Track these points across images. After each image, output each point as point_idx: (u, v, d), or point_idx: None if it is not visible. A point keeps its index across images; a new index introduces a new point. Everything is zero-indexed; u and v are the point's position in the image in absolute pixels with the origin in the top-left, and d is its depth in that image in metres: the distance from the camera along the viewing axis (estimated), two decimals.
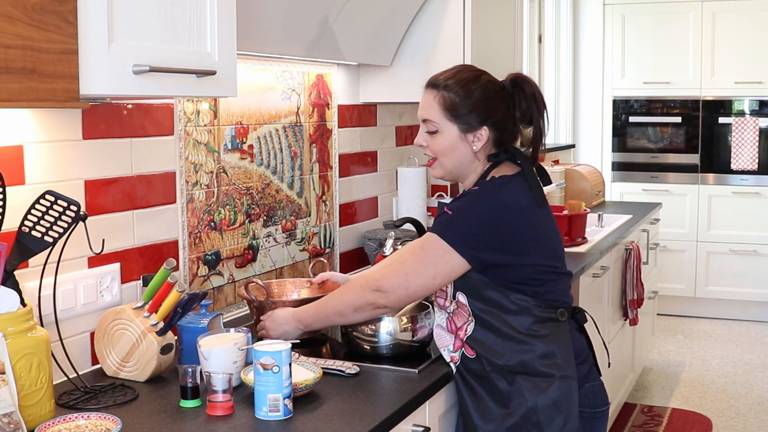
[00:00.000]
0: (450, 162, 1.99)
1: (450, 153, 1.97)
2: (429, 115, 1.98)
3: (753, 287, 6.05)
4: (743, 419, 4.34)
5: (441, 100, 1.96)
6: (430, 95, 1.98)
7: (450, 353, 1.99)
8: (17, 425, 1.50)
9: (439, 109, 1.96)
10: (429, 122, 1.98)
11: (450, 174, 2.02)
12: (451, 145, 1.97)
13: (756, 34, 5.93)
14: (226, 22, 1.79)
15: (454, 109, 1.94)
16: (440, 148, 1.98)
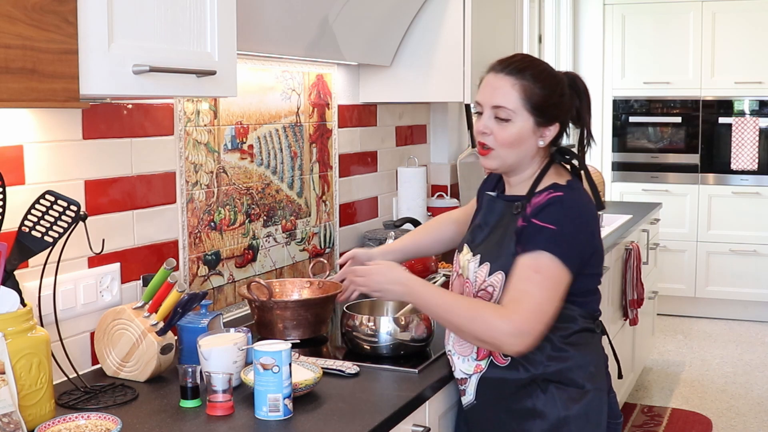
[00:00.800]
0: (513, 155, 1.84)
1: (517, 145, 1.83)
2: (504, 101, 1.81)
3: (753, 287, 6.04)
4: (743, 419, 4.34)
5: (522, 89, 1.81)
6: (507, 81, 1.82)
7: (474, 361, 1.88)
8: (17, 425, 1.50)
9: (519, 98, 1.81)
10: (502, 109, 1.81)
11: (506, 167, 1.88)
12: (521, 138, 1.82)
13: (756, 34, 5.93)
14: (226, 22, 1.79)
15: (537, 103, 1.81)
16: (509, 138, 1.82)
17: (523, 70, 1.83)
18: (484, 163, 1.89)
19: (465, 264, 1.92)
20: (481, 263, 1.86)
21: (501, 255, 1.82)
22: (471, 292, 1.88)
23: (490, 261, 1.85)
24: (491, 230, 1.91)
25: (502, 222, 1.89)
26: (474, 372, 1.88)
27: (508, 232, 1.84)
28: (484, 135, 1.85)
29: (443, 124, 3.79)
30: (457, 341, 1.91)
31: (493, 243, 1.87)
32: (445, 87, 3.05)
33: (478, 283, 1.86)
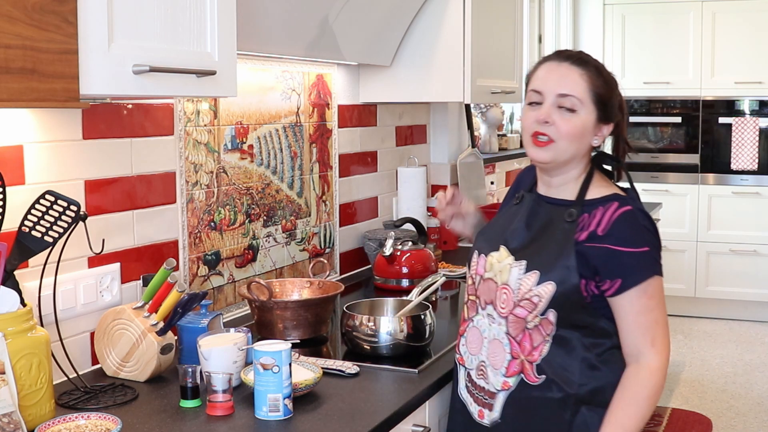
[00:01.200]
0: (572, 149, 1.74)
1: (578, 139, 1.74)
2: (573, 90, 1.72)
3: (753, 287, 6.04)
4: (743, 419, 4.34)
5: (590, 81, 1.73)
6: (574, 71, 1.74)
7: (502, 377, 1.76)
8: (17, 425, 1.50)
9: (587, 89, 1.73)
10: (569, 98, 1.72)
11: (558, 162, 1.76)
12: (583, 131, 1.74)
13: (756, 34, 5.93)
14: (226, 22, 1.79)
15: (603, 96, 1.75)
16: (573, 130, 1.73)
17: (587, 63, 1.76)
18: (538, 155, 1.76)
19: (504, 268, 1.77)
20: (528, 270, 1.72)
21: (555, 266, 1.70)
22: (511, 300, 1.74)
23: (539, 270, 1.71)
24: (536, 235, 1.77)
25: (550, 228, 1.76)
26: (502, 389, 1.76)
27: (561, 242, 1.72)
28: (545, 125, 1.73)
29: (443, 124, 3.79)
30: (491, 351, 1.78)
31: (542, 251, 1.73)
32: (445, 87, 3.05)
33: (522, 291, 1.72)
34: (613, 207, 1.72)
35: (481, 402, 1.80)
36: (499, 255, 1.79)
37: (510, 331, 1.74)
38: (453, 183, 3.81)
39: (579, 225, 1.72)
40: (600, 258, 1.68)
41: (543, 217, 1.79)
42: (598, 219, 1.71)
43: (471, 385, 1.83)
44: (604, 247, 1.68)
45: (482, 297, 1.81)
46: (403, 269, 2.84)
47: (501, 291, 1.76)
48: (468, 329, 1.85)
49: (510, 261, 1.76)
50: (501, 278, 1.76)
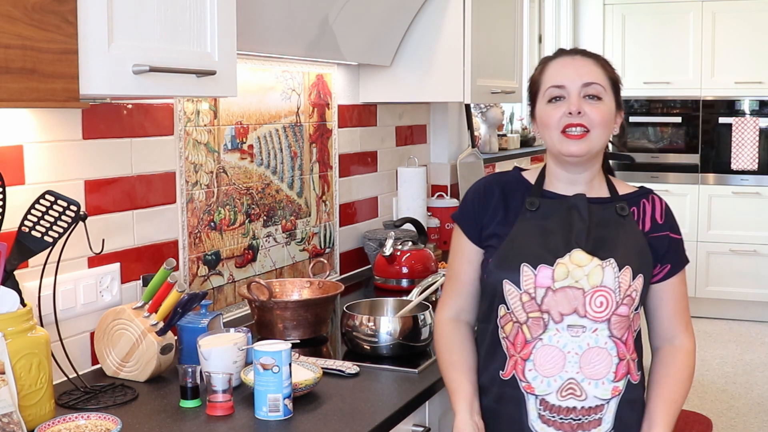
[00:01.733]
0: (604, 137, 1.72)
1: (609, 126, 1.72)
2: (596, 77, 1.72)
3: (753, 287, 6.04)
4: (743, 419, 4.34)
5: (605, 68, 1.75)
6: (589, 61, 1.75)
7: (611, 383, 1.68)
8: (17, 425, 1.50)
9: (604, 75, 1.74)
10: (593, 86, 1.71)
11: (593, 153, 1.72)
12: (611, 117, 1.73)
13: (756, 34, 5.93)
14: (226, 22, 1.79)
15: (616, 83, 1.76)
16: (604, 116, 1.70)
17: (595, 54, 1.79)
18: (573, 148, 1.69)
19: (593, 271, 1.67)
20: (621, 267, 1.68)
21: (639, 259, 1.70)
22: (614, 300, 1.67)
23: (629, 265, 1.68)
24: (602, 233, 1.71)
25: (611, 224, 1.72)
26: (612, 396, 1.68)
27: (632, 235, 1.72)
28: (579, 116, 1.68)
29: (443, 124, 3.79)
30: (587, 363, 1.67)
31: (620, 246, 1.70)
32: (445, 87, 3.05)
33: (623, 289, 1.67)
34: (657, 198, 1.81)
35: (572, 426, 1.68)
36: (576, 259, 1.67)
37: (614, 333, 1.68)
38: (452, 183, 3.81)
39: (635, 217, 1.76)
40: (663, 246, 1.75)
41: (596, 216, 1.73)
42: (651, 210, 1.78)
43: (549, 411, 1.68)
44: (665, 234, 1.76)
45: (555, 309, 1.66)
46: (403, 269, 2.84)
47: (595, 295, 1.66)
48: (535, 351, 1.67)
49: (597, 262, 1.67)
50: (591, 281, 1.66)
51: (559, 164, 1.76)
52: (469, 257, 1.79)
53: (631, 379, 1.70)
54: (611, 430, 1.69)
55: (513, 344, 1.70)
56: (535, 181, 1.78)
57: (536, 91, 1.76)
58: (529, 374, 1.68)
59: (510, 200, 1.77)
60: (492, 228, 1.75)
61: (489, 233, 1.76)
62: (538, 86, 1.75)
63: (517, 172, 1.84)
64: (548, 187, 1.77)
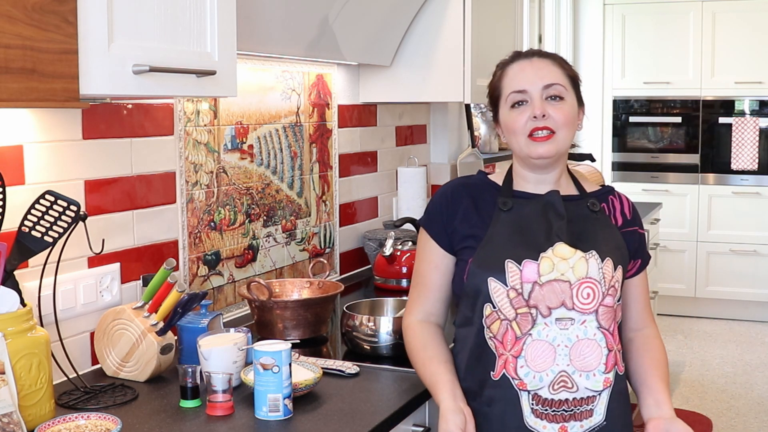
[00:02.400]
0: (569, 136, 1.75)
1: (573, 125, 1.75)
2: (556, 78, 1.73)
3: (753, 287, 6.05)
4: (743, 419, 4.34)
5: (562, 67, 1.76)
6: (546, 61, 1.76)
7: (602, 375, 1.69)
8: (17, 425, 1.50)
9: (563, 74, 1.75)
10: (554, 86, 1.72)
11: (560, 153, 1.75)
12: (574, 116, 1.75)
13: (756, 34, 5.93)
14: (226, 22, 1.79)
15: (575, 80, 1.78)
16: (568, 116, 1.72)
17: (551, 54, 1.80)
18: (544, 150, 1.71)
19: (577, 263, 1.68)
20: (604, 259, 1.70)
21: (617, 251, 1.74)
22: (600, 291, 1.69)
23: (610, 257, 1.72)
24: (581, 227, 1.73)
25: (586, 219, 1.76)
26: (604, 387, 1.70)
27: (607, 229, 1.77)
28: (543, 119, 1.70)
29: (443, 124, 3.79)
30: (577, 355, 1.67)
31: (598, 239, 1.73)
32: (445, 87, 3.05)
33: (608, 280, 1.70)
34: (622, 195, 1.86)
35: (564, 417, 1.68)
36: (560, 252, 1.68)
37: (602, 324, 1.69)
38: None
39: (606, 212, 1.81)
40: (634, 241, 1.81)
41: (570, 212, 1.74)
42: (619, 206, 1.83)
43: (542, 405, 1.67)
44: (634, 230, 1.82)
45: (543, 304, 1.66)
46: (403, 269, 2.84)
47: (582, 286, 1.67)
48: (526, 346, 1.67)
49: (581, 254, 1.68)
50: (577, 273, 1.67)
51: (526, 166, 1.78)
52: (436, 263, 1.79)
53: (618, 370, 1.74)
54: (604, 422, 1.70)
55: (502, 343, 1.69)
56: (503, 183, 1.80)
57: (497, 96, 1.78)
58: (521, 371, 1.67)
59: (480, 203, 1.78)
60: (464, 231, 1.76)
61: (462, 236, 1.76)
62: (499, 92, 1.78)
63: (483, 175, 1.86)
64: (518, 187, 1.80)
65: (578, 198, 1.80)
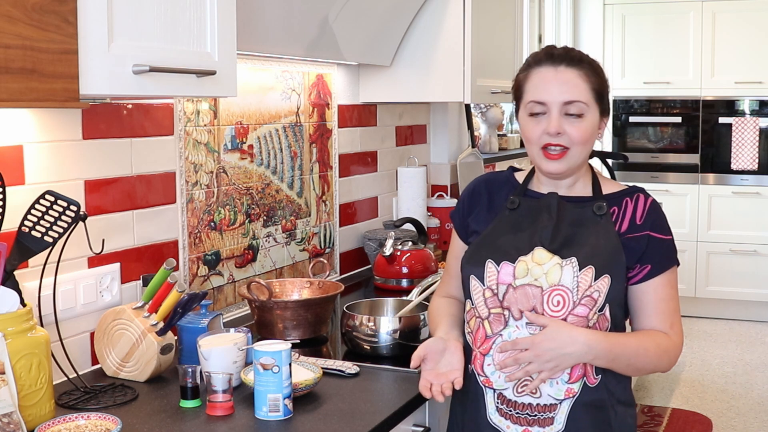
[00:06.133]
0: (584, 153, 1.71)
1: (589, 141, 1.70)
2: (578, 95, 1.66)
3: (753, 287, 6.04)
4: (743, 419, 4.34)
5: (589, 80, 1.68)
6: (573, 73, 1.68)
7: (565, 384, 1.66)
8: (17, 425, 1.50)
9: (588, 89, 1.68)
10: (575, 104, 1.66)
11: (573, 169, 1.72)
12: (592, 133, 1.70)
13: (756, 34, 5.93)
14: (226, 22, 1.79)
15: (600, 90, 1.70)
16: (585, 135, 1.67)
17: (581, 61, 1.71)
18: (552, 167, 1.69)
19: (551, 269, 1.66)
20: (582, 267, 1.65)
21: (606, 259, 1.66)
22: (570, 300, 1.65)
23: (593, 265, 1.65)
24: (572, 232, 1.70)
25: (584, 223, 1.71)
26: (566, 397, 1.67)
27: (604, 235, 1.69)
28: (558, 136, 1.67)
29: (443, 124, 3.79)
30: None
31: (587, 245, 1.68)
32: (445, 87, 3.05)
33: (582, 289, 1.65)
34: (642, 197, 1.74)
35: (528, 421, 1.68)
36: (537, 257, 1.67)
37: None
38: (452, 183, 3.81)
39: (612, 217, 1.72)
40: (640, 246, 1.70)
41: (569, 215, 1.72)
42: (632, 209, 1.73)
43: (506, 405, 1.69)
44: (643, 234, 1.70)
45: (515, 306, 1.67)
46: (403, 269, 2.84)
47: (553, 293, 1.66)
48: (495, 346, 1.68)
49: (557, 261, 1.66)
50: (550, 280, 1.66)
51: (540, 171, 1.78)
52: (456, 252, 1.86)
53: (587, 381, 1.67)
54: (563, 431, 1.67)
55: (474, 339, 1.72)
56: (522, 181, 1.81)
57: (520, 96, 1.75)
58: (487, 369, 1.70)
59: (495, 199, 1.81)
60: (474, 226, 1.81)
61: (471, 231, 1.82)
62: (522, 93, 1.74)
63: (510, 171, 1.87)
64: (533, 187, 1.80)
65: (587, 200, 1.74)
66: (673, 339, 1.71)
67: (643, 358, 1.68)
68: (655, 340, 1.69)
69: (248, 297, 2.22)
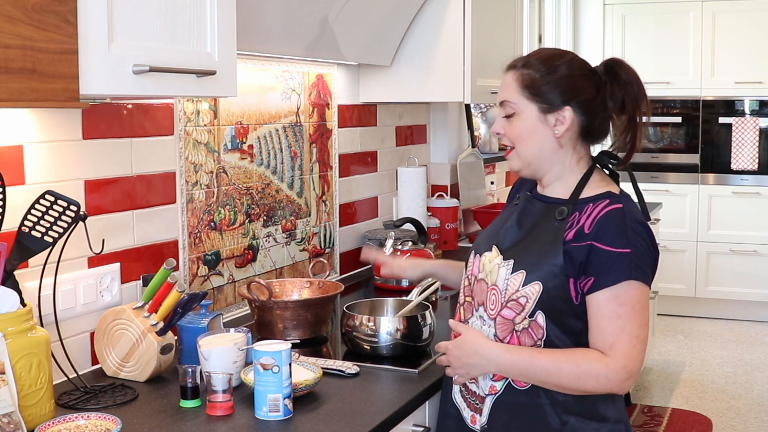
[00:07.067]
0: (529, 150, 1.72)
1: (528, 138, 1.72)
2: (506, 96, 1.74)
3: (753, 287, 6.04)
4: (743, 419, 4.34)
5: (519, 78, 1.72)
6: (509, 76, 1.75)
7: (489, 381, 1.71)
8: (17, 425, 1.50)
9: (517, 88, 1.72)
10: (506, 104, 1.74)
11: (528, 165, 1.75)
12: (529, 129, 1.71)
13: (756, 34, 5.93)
14: (226, 22, 1.79)
15: (534, 86, 1.70)
16: (518, 132, 1.73)
17: (523, 60, 1.74)
18: (510, 165, 1.79)
19: (493, 268, 1.73)
20: (515, 270, 1.68)
21: (541, 265, 1.65)
22: (498, 301, 1.69)
23: (526, 269, 1.66)
24: (526, 234, 1.73)
25: (540, 226, 1.71)
26: (489, 393, 1.72)
27: (549, 241, 1.67)
28: (502, 137, 1.78)
29: (443, 124, 3.79)
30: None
31: (531, 250, 1.69)
32: (445, 87, 3.05)
33: (509, 292, 1.67)
34: (602, 204, 1.66)
35: (473, 407, 1.76)
36: (490, 255, 1.75)
37: (498, 334, 1.69)
38: (452, 183, 3.81)
39: (568, 223, 1.67)
40: (580, 256, 1.62)
41: (535, 216, 1.74)
42: (587, 216, 1.65)
43: (464, 389, 1.78)
44: (587, 244, 1.62)
45: (476, 298, 1.77)
46: None
47: (491, 292, 1.72)
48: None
49: (499, 261, 1.72)
50: (491, 279, 1.73)
51: None
52: None
53: (512, 382, 1.68)
54: (486, 425, 1.73)
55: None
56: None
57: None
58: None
59: (519, 192, 1.90)
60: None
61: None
62: None
63: None
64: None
65: (557, 203, 1.72)
66: (609, 362, 1.60)
67: (556, 378, 1.63)
68: (577, 362, 1.62)
69: (248, 297, 2.22)
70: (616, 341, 1.60)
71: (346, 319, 2.13)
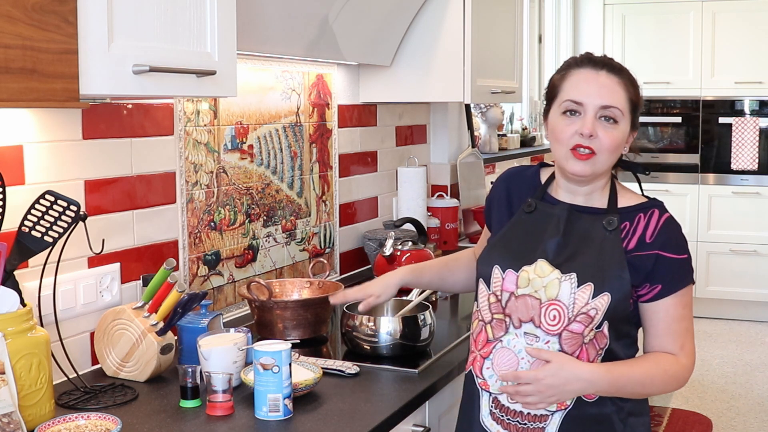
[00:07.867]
0: (608, 162, 1.69)
1: (615, 151, 1.69)
2: (616, 101, 1.67)
3: (753, 287, 6.05)
4: (743, 419, 4.34)
5: (627, 89, 1.69)
6: (613, 80, 1.68)
7: None
8: (17, 425, 1.50)
9: (625, 98, 1.69)
10: (612, 109, 1.66)
11: (597, 175, 1.70)
12: (622, 142, 1.70)
13: (756, 34, 5.93)
14: (226, 22, 1.79)
15: (636, 102, 1.71)
16: (615, 142, 1.67)
17: (622, 71, 1.71)
18: (578, 168, 1.67)
19: (551, 283, 1.66)
20: (581, 284, 1.64)
21: (606, 277, 1.64)
22: (564, 316, 1.64)
23: (593, 282, 1.63)
24: (578, 246, 1.68)
25: (592, 238, 1.69)
26: (557, 409, 1.67)
27: (609, 252, 1.66)
28: (590, 139, 1.65)
29: (443, 124, 3.79)
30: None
31: (591, 262, 1.66)
32: (445, 87, 3.05)
33: (578, 306, 1.63)
34: (656, 214, 1.70)
35: (517, 428, 1.69)
36: (539, 269, 1.67)
37: (565, 348, 1.64)
38: (452, 183, 3.81)
39: (622, 233, 1.68)
40: (647, 266, 1.65)
41: (579, 228, 1.71)
42: (644, 226, 1.68)
43: (499, 410, 1.70)
44: (654, 253, 1.65)
45: (516, 315, 1.67)
46: None
47: (550, 307, 1.65)
48: (495, 351, 1.69)
49: (557, 275, 1.65)
50: (548, 294, 1.66)
51: (561, 174, 1.75)
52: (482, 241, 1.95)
53: (583, 396, 1.66)
54: None
55: (475, 341, 1.74)
56: (543, 183, 1.80)
57: (554, 96, 1.73)
58: (486, 372, 1.71)
59: (517, 197, 1.81)
60: (495, 222, 1.84)
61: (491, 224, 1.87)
62: (556, 92, 1.72)
63: (537, 168, 1.85)
64: (551, 191, 1.78)
65: (599, 213, 1.72)
66: (683, 361, 1.69)
67: (648, 387, 1.68)
68: (662, 367, 1.67)
69: (248, 297, 2.22)
70: (685, 341, 1.70)
71: (346, 319, 2.13)
